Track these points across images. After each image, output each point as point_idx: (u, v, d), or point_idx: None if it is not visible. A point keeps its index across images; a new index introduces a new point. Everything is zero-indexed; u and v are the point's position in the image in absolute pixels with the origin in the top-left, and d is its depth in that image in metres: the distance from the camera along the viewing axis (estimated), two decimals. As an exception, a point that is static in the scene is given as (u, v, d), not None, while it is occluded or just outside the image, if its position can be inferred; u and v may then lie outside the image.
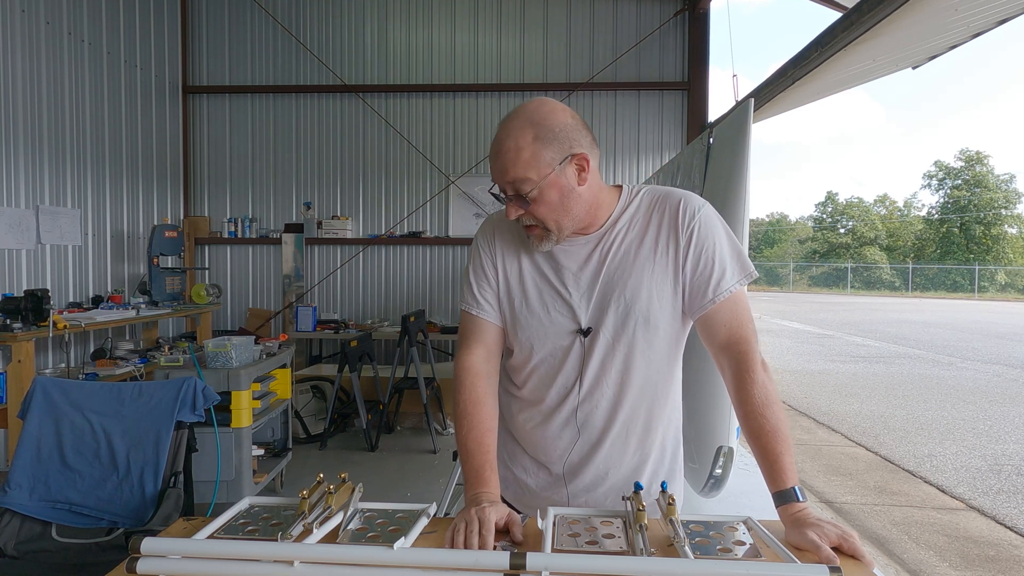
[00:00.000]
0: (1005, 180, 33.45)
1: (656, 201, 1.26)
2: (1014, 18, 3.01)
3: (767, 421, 1.12)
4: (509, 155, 1.15)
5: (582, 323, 1.24)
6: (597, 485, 1.30)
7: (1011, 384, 8.04)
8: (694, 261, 1.22)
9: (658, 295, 1.23)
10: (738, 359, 1.18)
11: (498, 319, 1.31)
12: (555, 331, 1.25)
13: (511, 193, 1.18)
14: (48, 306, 3.71)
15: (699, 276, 1.22)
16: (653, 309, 1.22)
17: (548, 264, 1.27)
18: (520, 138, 1.14)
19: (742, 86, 6.34)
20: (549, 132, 1.15)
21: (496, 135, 1.18)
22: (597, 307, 1.24)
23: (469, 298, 1.32)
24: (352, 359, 4.55)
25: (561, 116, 1.16)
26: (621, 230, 1.25)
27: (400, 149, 6.58)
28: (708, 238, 1.22)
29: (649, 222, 1.25)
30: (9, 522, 1.90)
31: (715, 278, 1.20)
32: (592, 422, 1.27)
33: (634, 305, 1.22)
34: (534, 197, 1.16)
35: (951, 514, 3.85)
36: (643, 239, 1.24)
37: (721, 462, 2.62)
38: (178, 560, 0.93)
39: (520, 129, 1.15)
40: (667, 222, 1.23)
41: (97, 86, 5.21)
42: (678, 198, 1.25)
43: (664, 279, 1.23)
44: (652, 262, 1.23)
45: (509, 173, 1.15)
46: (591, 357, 1.24)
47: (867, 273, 33.51)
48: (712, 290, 1.20)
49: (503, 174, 1.16)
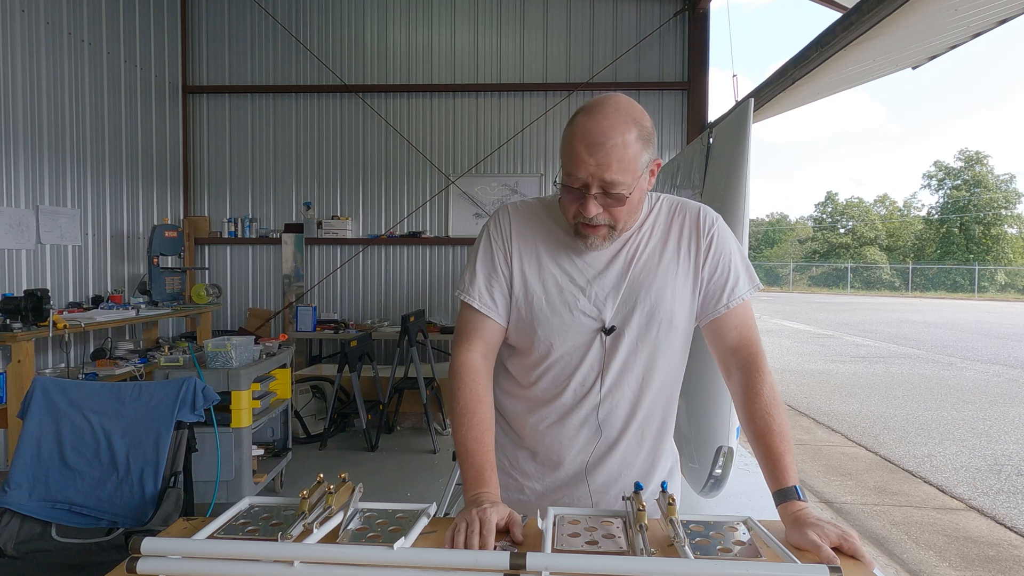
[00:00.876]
0: (1005, 180, 33.52)
1: (675, 209, 1.29)
2: (1014, 18, 3.01)
3: (773, 420, 1.15)
4: (616, 151, 1.09)
5: (606, 322, 1.24)
6: (610, 486, 1.29)
7: (1011, 384, 8.04)
8: (711, 268, 1.26)
9: (680, 298, 1.25)
10: (747, 361, 1.23)
11: (503, 318, 1.27)
12: (577, 329, 1.24)
13: (598, 190, 1.12)
14: (48, 306, 3.71)
15: (715, 282, 1.26)
16: (676, 311, 1.25)
17: (572, 262, 1.26)
18: (627, 134, 1.10)
19: (742, 86, 6.35)
20: (648, 134, 1.14)
21: (591, 126, 1.10)
22: (622, 307, 1.24)
23: (473, 291, 1.27)
24: (352, 359, 4.55)
25: (648, 118, 1.16)
26: (646, 233, 1.26)
27: (400, 149, 6.58)
28: (725, 248, 1.27)
29: (670, 228, 1.27)
30: (9, 522, 1.89)
31: (730, 285, 1.25)
32: (612, 421, 1.27)
33: (659, 307, 1.24)
34: (624, 198, 1.13)
35: (951, 514, 3.85)
36: (666, 244, 1.26)
37: (721, 462, 2.62)
38: (178, 560, 0.93)
39: (626, 125, 1.10)
40: (688, 229, 1.27)
41: (97, 86, 5.21)
42: (697, 208, 1.30)
43: (685, 283, 1.26)
44: (676, 266, 1.25)
45: (612, 169, 1.09)
46: (614, 356, 1.24)
47: (867, 273, 33.53)
48: (727, 296, 1.25)
49: (604, 169, 1.09)
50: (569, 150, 1.12)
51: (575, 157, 1.11)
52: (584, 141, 1.10)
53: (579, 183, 1.12)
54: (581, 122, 1.12)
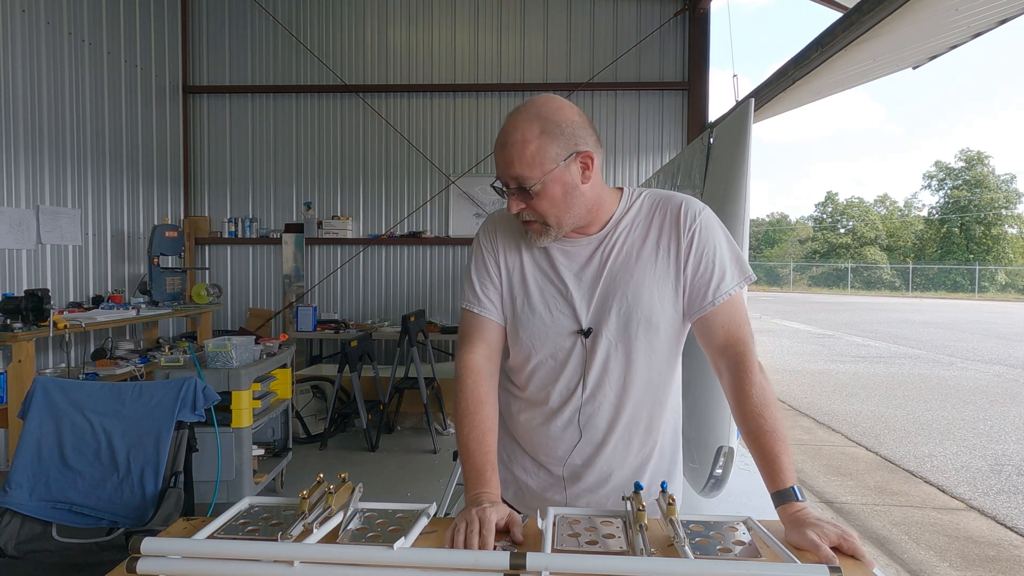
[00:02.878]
0: (1006, 180, 33.49)
1: (657, 204, 1.27)
2: (1014, 18, 3.01)
3: (765, 421, 1.13)
4: (515, 147, 1.14)
5: (583, 323, 1.24)
6: (600, 486, 1.30)
7: (1011, 384, 8.04)
8: (695, 264, 1.23)
9: (659, 297, 1.23)
10: (735, 361, 1.19)
11: (500, 318, 1.31)
12: (556, 331, 1.25)
13: (514, 187, 1.17)
14: (48, 306, 3.71)
15: (699, 279, 1.23)
16: (655, 311, 1.23)
17: (549, 263, 1.27)
18: (527, 131, 1.14)
19: (742, 86, 6.34)
20: (556, 127, 1.15)
21: (502, 127, 1.18)
22: (598, 308, 1.24)
23: (471, 296, 1.32)
24: (352, 359, 4.55)
25: (568, 113, 1.17)
26: (623, 232, 1.25)
27: (400, 149, 6.58)
28: (709, 241, 1.23)
29: (651, 225, 1.25)
30: (9, 522, 1.90)
31: (715, 281, 1.22)
32: (595, 423, 1.27)
33: (636, 307, 1.22)
34: (537, 191, 1.16)
35: (951, 514, 3.85)
36: (644, 241, 1.24)
37: (721, 462, 2.62)
38: (178, 560, 0.93)
39: (527, 122, 1.15)
40: (668, 225, 1.24)
41: (97, 86, 5.21)
42: (679, 201, 1.26)
43: (665, 281, 1.23)
44: (654, 264, 1.23)
45: (514, 166, 1.15)
46: (593, 358, 1.24)
47: (867, 273, 33.51)
48: (712, 292, 1.21)
49: (508, 167, 1.16)
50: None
51: (496, 160, 1.20)
52: (496, 144, 1.19)
53: (502, 183, 1.20)
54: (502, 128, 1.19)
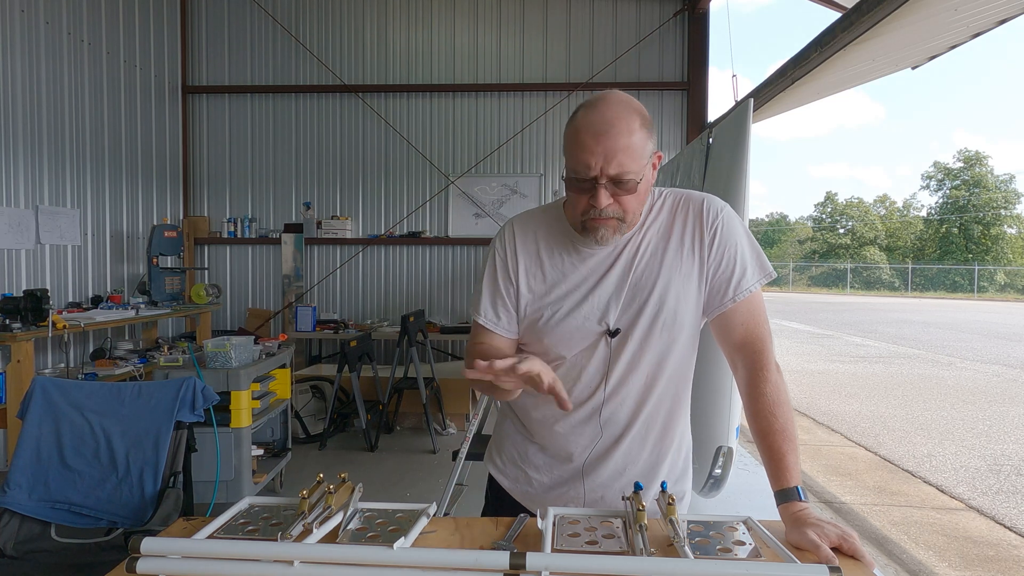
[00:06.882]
0: (1004, 180, 33.52)
1: (679, 202, 1.26)
2: (1014, 18, 3.02)
3: (776, 420, 1.13)
4: (622, 138, 1.08)
5: (611, 324, 1.23)
6: (614, 481, 1.29)
7: (1011, 384, 8.04)
8: (716, 260, 1.22)
9: (684, 296, 1.23)
10: (753, 358, 1.20)
11: (508, 331, 1.29)
12: (582, 334, 1.24)
13: (605, 180, 1.11)
14: (47, 306, 3.71)
15: (720, 275, 1.22)
16: (680, 310, 1.22)
17: (575, 268, 1.25)
18: (631, 122, 1.09)
19: (742, 86, 6.35)
20: (649, 123, 1.13)
21: (595, 117, 1.10)
22: (626, 308, 1.22)
23: (480, 308, 1.30)
24: (352, 359, 4.55)
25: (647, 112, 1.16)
26: (648, 232, 1.24)
27: (400, 149, 6.58)
28: (731, 238, 1.22)
29: (673, 223, 1.25)
30: (9, 522, 1.89)
31: (736, 277, 1.21)
32: (615, 419, 1.27)
33: (664, 306, 1.21)
34: (634, 186, 1.12)
35: (951, 514, 3.85)
36: (669, 240, 1.24)
37: (721, 462, 2.62)
38: (178, 560, 0.93)
39: (629, 113, 1.10)
40: (691, 222, 1.24)
41: (97, 86, 5.21)
42: (700, 199, 1.26)
43: (689, 280, 1.23)
44: (679, 263, 1.23)
45: (619, 156, 1.08)
46: (619, 357, 1.23)
47: (867, 273, 33.53)
48: (732, 289, 1.21)
49: (610, 156, 1.08)
50: (576, 143, 1.12)
51: (583, 148, 1.10)
52: (590, 132, 1.10)
53: (588, 175, 1.11)
54: (584, 115, 1.12)
